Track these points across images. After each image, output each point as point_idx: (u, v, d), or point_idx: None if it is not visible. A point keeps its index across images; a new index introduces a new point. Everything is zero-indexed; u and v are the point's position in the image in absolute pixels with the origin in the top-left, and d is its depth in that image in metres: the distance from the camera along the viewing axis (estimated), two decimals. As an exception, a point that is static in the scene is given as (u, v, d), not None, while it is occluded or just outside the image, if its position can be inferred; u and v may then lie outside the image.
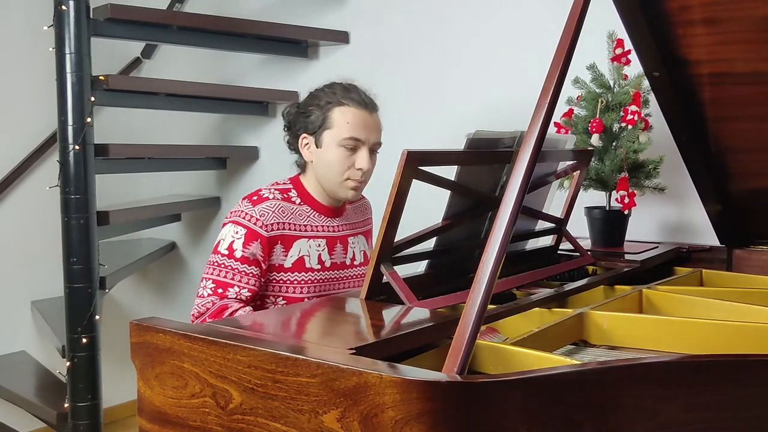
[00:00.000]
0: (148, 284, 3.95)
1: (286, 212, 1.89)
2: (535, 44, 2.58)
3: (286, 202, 1.91)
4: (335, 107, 1.87)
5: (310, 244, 1.92)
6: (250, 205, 1.87)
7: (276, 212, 1.87)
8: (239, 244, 1.83)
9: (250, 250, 1.83)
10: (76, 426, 2.60)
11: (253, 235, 1.84)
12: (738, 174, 1.99)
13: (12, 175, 3.37)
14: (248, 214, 1.85)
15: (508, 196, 1.17)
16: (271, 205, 1.88)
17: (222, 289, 1.83)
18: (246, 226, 1.84)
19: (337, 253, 1.96)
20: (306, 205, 1.94)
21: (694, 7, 1.67)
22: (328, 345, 1.20)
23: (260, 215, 1.85)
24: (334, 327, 1.41)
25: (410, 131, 2.98)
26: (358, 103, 1.88)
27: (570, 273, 1.90)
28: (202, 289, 1.85)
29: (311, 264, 1.91)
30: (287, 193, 1.94)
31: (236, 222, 1.86)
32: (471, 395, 0.97)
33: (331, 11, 3.23)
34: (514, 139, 1.66)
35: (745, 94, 1.78)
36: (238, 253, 1.83)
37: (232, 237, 1.84)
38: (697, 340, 1.44)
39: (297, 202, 1.94)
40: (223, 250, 1.84)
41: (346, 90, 1.90)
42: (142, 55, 3.77)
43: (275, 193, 1.92)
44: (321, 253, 1.93)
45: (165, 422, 1.23)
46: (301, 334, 1.35)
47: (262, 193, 1.91)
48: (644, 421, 1.08)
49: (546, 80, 1.27)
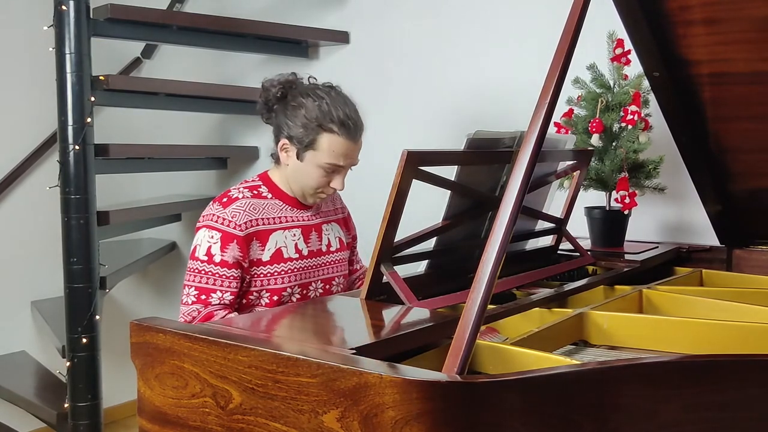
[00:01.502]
0: (148, 284, 3.95)
1: (258, 208, 1.90)
2: (535, 44, 2.58)
3: (256, 198, 1.92)
4: (323, 132, 1.85)
5: (286, 234, 1.93)
6: (220, 208, 1.87)
7: (247, 210, 1.88)
8: (216, 248, 1.83)
9: (229, 253, 1.83)
10: (76, 426, 2.60)
11: (228, 238, 1.84)
12: (738, 174, 1.99)
13: (12, 175, 3.37)
14: (220, 217, 1.86)
15: (508, 196, 1.17)
16: (241, 204, 1.88)
17: (205, 295, 1.83)
18: (220, 230, 1.84)
19: (312, 241, 1.98)
20: (277, 199, 1.95)
21: (694, 7, 1.67)
22: (328, 345, 1.20)
23: (232, 216, 1.85)
24: (334, 327, 1.41)
25: (410, 131, 2.98)
26: (347, 132, 1.86)
27: (570, 273, 1.90)
28: (185, 297, 1.86)
29: (289, 254, 1.92)
30: (257, 189, 1.95)
31: (209, 226, 1.86)
32: (471, 395, 0.97)
33: (331, 11, 3.23)
34: (514, 139, 1.66)
35: (745, 94, 1.78)
36: (217, 258, 1.83)
37: (208, 242, 1.85)
38: (697, 340, 1.44)
39: (268, 196, 1.95)
40: (201, 256, 1.85)
41: (336, 110, 1.86)
42: (142, 55, 3.77)
43: (244, 191, 1.93)
44: (297, 242, 1.94)
45: (165, 422, 1.23)
46: (301, 334, 1.35)
47: (231, 194, 1.91)
48: (644, 421, 1.08)
49: (546, 80, 1.27)
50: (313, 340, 1.26)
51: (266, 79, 1.98)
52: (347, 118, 1.87)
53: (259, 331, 1.31)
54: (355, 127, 1.89)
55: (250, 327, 1.34)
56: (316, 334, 1.34)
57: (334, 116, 1.85)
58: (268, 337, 1.26)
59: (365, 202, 2.52)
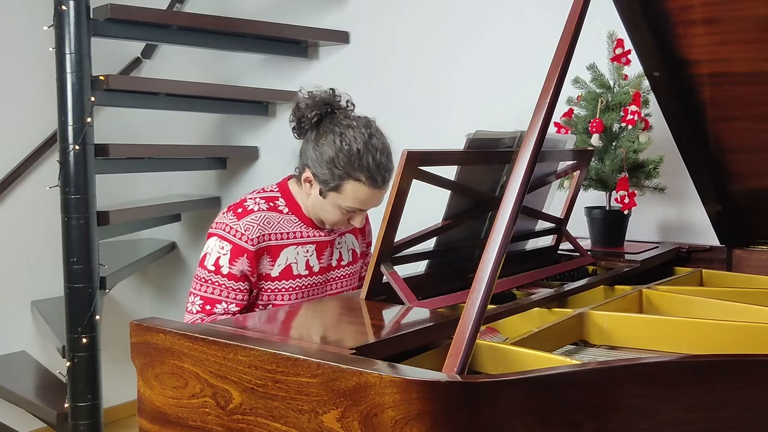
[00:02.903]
0: (148, 284, 3.95)
1: (272, 222, 1.85)
2: (535, 44, 2.58)
3: (272, 211, 1.87)
4: (351, 180, 1.77)
5: (298, 250, 1.88)
6: (234, 219, 1.83)
7: (261, 225, 1.83)
8: (225, 260, 1.80)
9: (237, 267, 1.80)
10: (76, 426, 2.60)
11: (239, 251, 1.80)
12: (738, 174, 1.99)
13: (12, 175, 3.37)
14: (233, 229, 1.82)
15: (508, 196, 1.17)
16: (256, 217, 1.83)
17: (210, 305, 1.81)
18: (231, 242, 1.81)
19: (325, 257, 1.94)
20: (293, 215, 1.90)
21: (694, 7, 1.67)
22: (328, 345, 1.20)
23: (245, 230, 1.81)
24: (334, 327, 1.41)
25: (410, 131, 2.98)
26: (374, 183, 1.78)
27: (570, 273, 1.90)
28: (190, 305, 1.84)
29: (299, 271, 1.88)
30: (274, 201, 1.90)
31: (221, 237, 1.82)
32: (471, 395, 0.97)
33: (331, 11, 3.23)
34: (514, 139, 1.66)
35: (745, 94, 1.78)
36: (224, 270, 1.80)
37: (218, 253, 1.81)
38: (697, 340, 1.44)
39: (284, 211, 1.89)
40: (209, 266, 1.82)
41: (367, 156, 1.76)
42: (142, 55, 3.77)
43: (261, 203, 1.87)
44: (309, 258, 1.90)
45: (165, 422, 1.23)
46: (301, 334, 1.35)
47: (246, 205, 1.86)
48: (644, 421, 1.08)
49: (546, 80, 1.28)
50: (313, 340, 1.26)
51: (302, 91, 1.87)
52: (377, 168, 1.77)
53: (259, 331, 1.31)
54: (384, 176, 1.79)
55: (250, 327, 1.34)
56: (316, 334, 1.34)
57: (363, 165, 1.76)
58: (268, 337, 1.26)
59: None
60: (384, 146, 1.81)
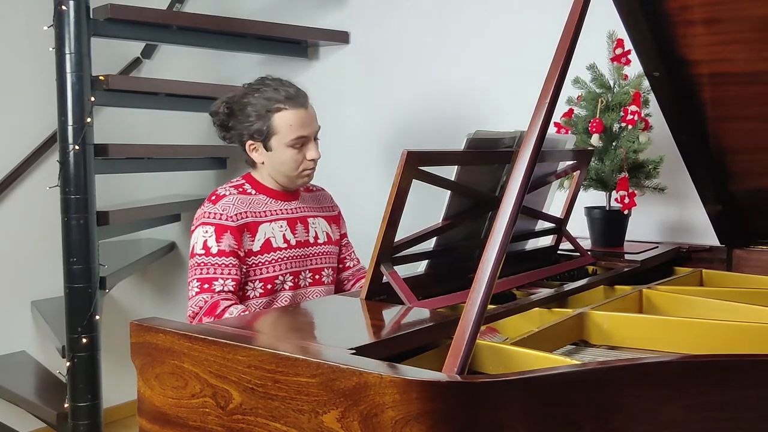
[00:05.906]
0: (148, 284, 3.95)
1: (245, 202, 2.00)
2: (535, 44, 2.58)
3: (242, 194, 2.02)
4: (274, 114, 1.97)
5: (273, 226, 2.01)
6: (210, 205, 1.97)
7: (236, 204, 1.97)
8: (212, 241, 1.92)
9: (225, 242, 1.92)
10: (76, 426, 2.60)
11: (222, 229, 1.93)
12: (738, 174, 1.99)
13: (12, 175, 3.37)
14: (211, 213, 1.95)
15: (508, 196, 1.17)
16: (230, 199, 1.98)
17: (207, 284, 1.90)
18: (213, 224, 1.93)
19: (299, 232, 2.06)
20: (261, 194, 2.04)
21: (694, 7, 1.67)
22: (328, 345, 1.20)
23: (223, 210, 1.95)
24: (334, 327, 1.41)
25: (410, 131, 2.98)
26: (293, 103, 1.97)
27: (570, 273, 1.90)
28: (190, 290, 1.93)
29: (278, 243, 2.00)
30: (242, 187, 2.05)
31: (203, 223, 1.95)
32: (471, 395, 0.97)
33: (331, 11, 3.23)
34: (514, 139, 1.66)
35: (745, 94, 1.78)
36: (213, 249, 1.91)
37: (203, 236, 1.93)
38: (697, 340, 1.44)
39: (252, 192, 2.04)
40: (199, 251, 1.93)
41: (276, 91, 1.98)
42: (142, 55, 3.76)
43: (230, 189, 2.02)
44: (285, 232, 2.03)
45: (165, 422, 1.23)
46: (301, 334, 1.35)
47: (218, 192, 2.01)
48: (644, 421, 1.08)
49: (546, 80, 1.27)
50: (313, 340, 1.26)
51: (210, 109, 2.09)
52: (287, 92, 1.98)
53: (258, 331, 1.31)
54: (298, 95, 1.99)
55: (250, 327, 1.34)
56: (316, 334, 1.34)
57: (276, 97, 1.97)
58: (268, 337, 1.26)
59: (364, 203, 2.53)
60: (285, 80, 2.03)
